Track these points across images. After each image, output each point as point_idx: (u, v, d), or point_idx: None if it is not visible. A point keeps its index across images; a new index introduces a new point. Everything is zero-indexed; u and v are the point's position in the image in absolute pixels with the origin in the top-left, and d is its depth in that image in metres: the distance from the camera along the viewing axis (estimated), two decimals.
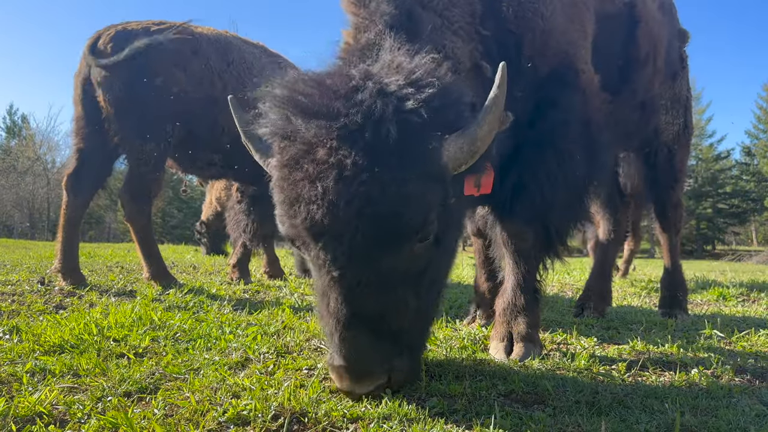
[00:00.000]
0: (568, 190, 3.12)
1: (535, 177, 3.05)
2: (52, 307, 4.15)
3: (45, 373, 2.50)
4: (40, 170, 48.47)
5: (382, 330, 2.14)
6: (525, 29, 3.01)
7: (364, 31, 2.67)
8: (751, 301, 6.34)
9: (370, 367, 2.15)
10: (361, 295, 2.10)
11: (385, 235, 2.07)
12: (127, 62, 5.20)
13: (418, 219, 2.11)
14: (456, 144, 2.16)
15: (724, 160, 50.16)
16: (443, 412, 2.14)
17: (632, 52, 4.10)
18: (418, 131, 2.12)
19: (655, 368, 2.92)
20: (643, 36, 4.14)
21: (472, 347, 3.22)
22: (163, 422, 1.97)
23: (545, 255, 3.25)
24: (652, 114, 4.72)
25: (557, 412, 2.18)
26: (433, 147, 2.15)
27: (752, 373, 2.89)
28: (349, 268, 2.08)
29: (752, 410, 2.24)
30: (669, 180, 5.21)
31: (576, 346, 3.42)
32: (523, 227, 3.12)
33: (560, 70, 3.17)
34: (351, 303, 2.10)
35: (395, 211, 2.04)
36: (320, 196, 2.03)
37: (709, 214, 48.45)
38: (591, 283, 5.09)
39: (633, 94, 4.22)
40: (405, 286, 2.21)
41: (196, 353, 2.89)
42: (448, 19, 2.76)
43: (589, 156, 3.17)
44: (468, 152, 2.16)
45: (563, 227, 3.26)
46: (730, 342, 3.73)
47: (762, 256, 31.76)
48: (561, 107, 3.13)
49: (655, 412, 2.20)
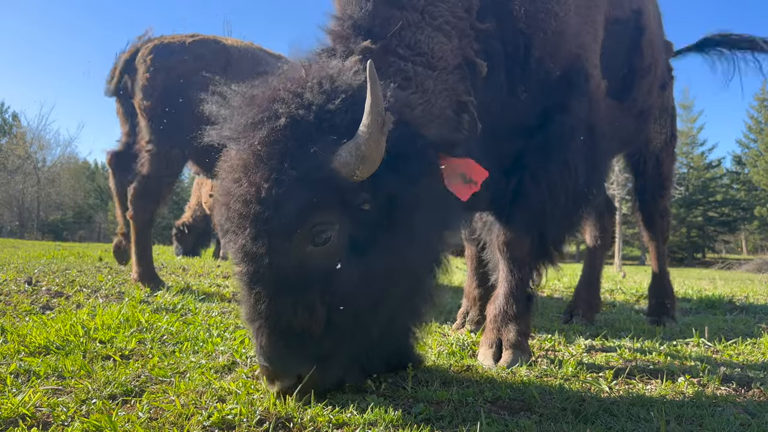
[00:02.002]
0: (568, 199, 3.11)
1: (537, 186, 3.04)
2: (39, 307, 4.11)
3: (29, 374, 2.47)
4: (31, 169, 48.18)
5: (289, 331, 2.18)
6: (536, 29, 2.97)
7: (332, 35, 2.72)
8: (739, 310, 6.37)
9: (275, 366, 2.21)
10: (259, 294, 2.18)
11: (268, 236, 2.13)
12: (163, 74, 5.61)
13: (292, 221, 2.12)
14: (346, 149, 2.15)
15: (715, 169, 50.52)
16: (429, 418, 2.13)
17: (636, 61, 4.10)
18: (305, 137, 2.18)
19: (642, 376, 2.93)
20: (647, 45, 4.16)
21: (461, 353, 3.22)
22: (147, 426, 1.95)
23: (540, 263, 3.24)
24: (645, 123, 4.75)
25: (543, 419, 2.18)
26: (315, 152, 2.15)
27: (738, 382, 2.90)
28: (246, 265, 2.19)
29: (737, 419, 2.25)
30: (657, 188, 5.26)
31: (564, 353, 3.42)
32: (520, 235, 3.10)
33: (570, 73, 3.13)
34: (252, 300, 2.20)
35: (271, 213, 2.10)
36: (224, 195, 2.22)
37: (699, 223, 48.75)
38: (579, 290, 5.10)
39: (634, 102, 4.23)
40: (314, 290, 2.21)
41: (182, 356, 2.88)
42: (429, 14, 2.73)
43: (590, 164, 3.17)
44: (357, 157, 2.12)
45: (560, 236, 3.26)
46: (717, 351, 3.75)
47: (752, 264, 31.94)
48: (568, 113, 3.11)
49: (640, 421, 2.20)
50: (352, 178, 2.17)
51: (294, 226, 2.14)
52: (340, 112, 2.23)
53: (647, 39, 4.16)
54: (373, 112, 2.10)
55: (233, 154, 2.27)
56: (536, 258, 3.21)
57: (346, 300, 2.25)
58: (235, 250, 2.19)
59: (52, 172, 50.95)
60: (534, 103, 3.09)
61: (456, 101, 2.71)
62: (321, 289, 2.22)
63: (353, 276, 2.25)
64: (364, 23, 2.66)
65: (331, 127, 2.21)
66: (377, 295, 2.34)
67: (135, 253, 5.66)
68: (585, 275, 5.18)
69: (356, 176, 2.16)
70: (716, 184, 50.19)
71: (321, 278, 2.22)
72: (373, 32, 2.64)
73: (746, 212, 48.69)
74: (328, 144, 2.17)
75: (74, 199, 56.19)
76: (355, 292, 2.26)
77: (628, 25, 3.98)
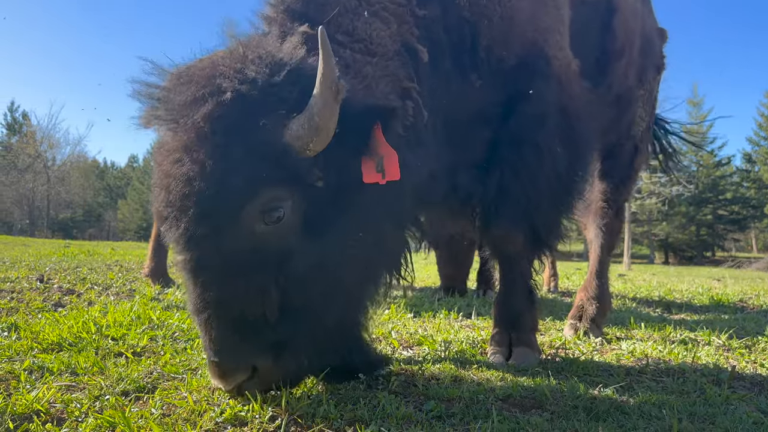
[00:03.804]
0: (552, 186, 3.03)
1: (516, 177, 2.95)
2: (51, 305, 4.15)
3: (43, 371, 2.50)
4: (41, 167, 48.51)
5: (241, 320, 2.06)
6: (480, 16, 2.86)
7: (267, 20, 2.63)
8: (750, 309, 6.33)
9: (226, 359, 2.05)
10: (206, 281, 2.04)
11: (216, 215, 2.01)
12: None
13: (242, 196, 2.02)
14: (297, 122, 2.07)
15: (724, 167, 50.18)
16: (441, 415, 2.14)
17: (609, 43, 3.91)
18: (251, 111, 2.06)
19: (653, 374, 2.92)
20: (619, 26, 3.96)
21: (471, 351, 3.22)
22: (160, 422, 1.97)
23: (536, 256, 3.20)
24: (626, 109, 4.44)
25: (555, 417, 2.18)
26: (264, 125, 2.06)
27: (751, 381, 2.88)
28: (190, 252, 2.04)
29: (749, 417, 2.24)
30: (625, 178, 4.68)
31: (574, 351, 3.42)
32: (510, 231, 3.04)
33: (529, 59, 3.01)
34: (198, 290, 2.05)
35: (218, 189, 1.98)
36: (163, 178, 2.07)
37: (709, 221, 48.47)
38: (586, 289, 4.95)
39: (609, 88, 4.03)
40: (266, 274, 2.09)
41: (194, 353, 2.89)
42: (367, 1, 2.65)
43: (570, 148, 3.08)
44: (309, 128, 2.05)
45: (552, 225, 3.18)
46: (729, 348, 3.73)
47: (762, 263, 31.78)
48: (533, 100, 2.99)
49: (652, 419, 2.20)
50: (305, 153, 2.08)
51: (244, 202, 2.03)
52: (287, 84, 2.13)
53: (620, 20, 3.96)
54: (326, 80, 2.03)
55: (171, 136, 2.12)
56: (532, 252, 3.16)
57: (299, 284, 2.15)
58: (178, 236, 2.04)
59: (61, 170, 51.33)
60: (494, 91, 2.98)
61: (399, 87, 2.61)
62: (274, 273, 2.10)
63: (307, 258, 2.15)
64: (299, 8, 2.58)
65: (279, 100, 2.11)
66: (330, 281, 2.24)
67: (151, 248, 5.70)
68: (590, 273, 4.66)
69: (309, 150, 2.08)
70: (726, 182, 49.87)
71: (274, 261, 2.11)
72: (308, 17, 2.55)
73: (756, 210, 48.36)
74: (278, 117, 2.09)
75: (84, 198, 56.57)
76: (308, 275, 2.16)
77: (599, 6, 3.83)
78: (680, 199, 41.58)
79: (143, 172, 55.24)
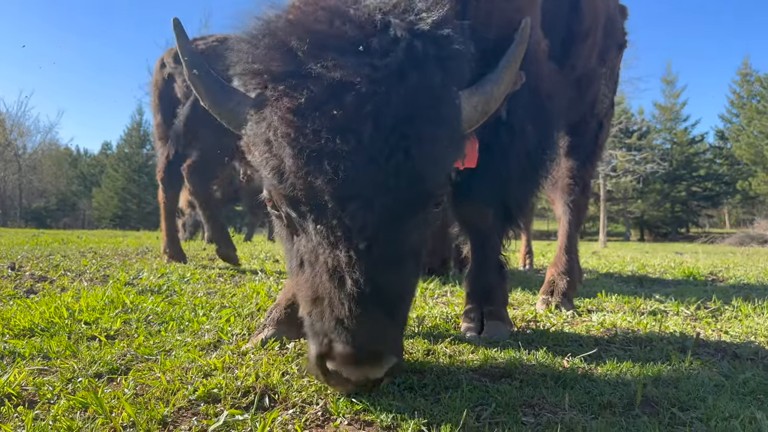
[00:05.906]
0: (522, 163, 3.07)
1: (489, 155, 2.95)
2: (23, 291, 4.10)
3: (14, 355, 2.48)
4: (11, 156, 47.55)
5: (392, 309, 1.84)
6: None
7: None
8: (719, 281, 6.49)
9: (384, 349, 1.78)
10: (382, 271, 1.76)
11: (413, 200, 1.80)
12: None
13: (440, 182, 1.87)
14: (470, 102, 1.91)
15: (698, 144, 50.97)
16: (413, 387, 2.17)
17: (575, 25, 3.92)
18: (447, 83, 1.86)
19: (621, 344, 2.99)
20: (587, 7, 3.98)
21: (445, 326, 3.26)
22: (133, 401, 1.97)
23: (507, 231, 3.25)
24: (589, 86, 4.48)
25: (524, 385, 2.23)
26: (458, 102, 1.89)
27: (715, 347, 2.97)
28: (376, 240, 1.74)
29: (711, 381, 2.32)
30: (590, 154, 4.72)
31: (546, 323, 3.48)
32: (482, 207, 3.09)
33: (505, 39, 3.06)
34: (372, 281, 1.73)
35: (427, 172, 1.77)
36: (354, 149, 1.69)
37: (683, 198, 49.30)
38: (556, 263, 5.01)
39: (572, 69, 4.05)
40: (411, 260, 1.91)
41: (168, 335, 2.89)
42: None
43: (538, 126, 3.11)
44: (481, 112, 1.92)
45: (522, 201, 3.24)
46: (696, 318, 3.83)
47: (734, 238, 32.43)
48: None
49: (618, 385, 2.26)
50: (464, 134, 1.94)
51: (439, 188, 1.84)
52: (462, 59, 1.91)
53: (588, 1, 3.98)
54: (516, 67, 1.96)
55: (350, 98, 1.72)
56: (502, 227, 3.21)
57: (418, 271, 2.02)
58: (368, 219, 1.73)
59: (33, 159, 50.43)
60: None
61: None
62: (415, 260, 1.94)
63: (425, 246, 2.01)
64: None
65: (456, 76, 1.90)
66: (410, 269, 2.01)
67: (165, 228, 6.61)
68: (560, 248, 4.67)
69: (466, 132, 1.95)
70: (699, 159, 50.68)
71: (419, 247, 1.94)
72: None
73: (729, 186, 49.29)
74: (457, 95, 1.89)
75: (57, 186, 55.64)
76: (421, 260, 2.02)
77: None
78: (655, 176, 42.13)
79: (117, 159, 54.34)
